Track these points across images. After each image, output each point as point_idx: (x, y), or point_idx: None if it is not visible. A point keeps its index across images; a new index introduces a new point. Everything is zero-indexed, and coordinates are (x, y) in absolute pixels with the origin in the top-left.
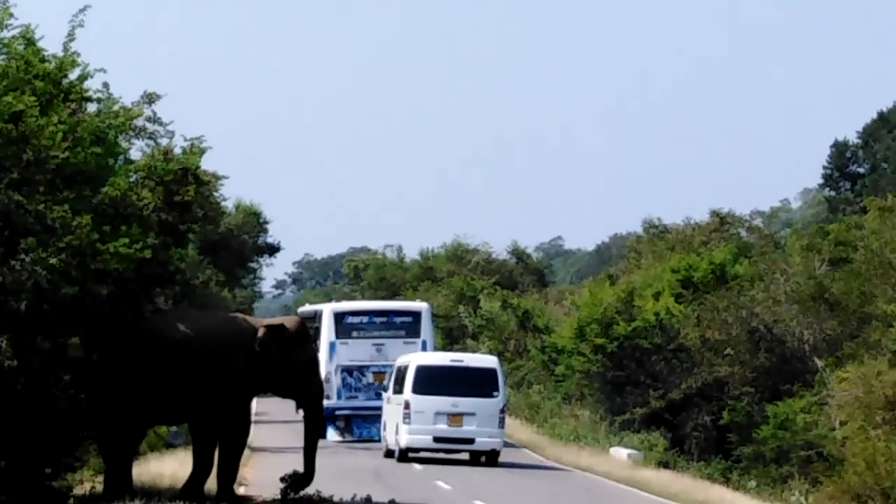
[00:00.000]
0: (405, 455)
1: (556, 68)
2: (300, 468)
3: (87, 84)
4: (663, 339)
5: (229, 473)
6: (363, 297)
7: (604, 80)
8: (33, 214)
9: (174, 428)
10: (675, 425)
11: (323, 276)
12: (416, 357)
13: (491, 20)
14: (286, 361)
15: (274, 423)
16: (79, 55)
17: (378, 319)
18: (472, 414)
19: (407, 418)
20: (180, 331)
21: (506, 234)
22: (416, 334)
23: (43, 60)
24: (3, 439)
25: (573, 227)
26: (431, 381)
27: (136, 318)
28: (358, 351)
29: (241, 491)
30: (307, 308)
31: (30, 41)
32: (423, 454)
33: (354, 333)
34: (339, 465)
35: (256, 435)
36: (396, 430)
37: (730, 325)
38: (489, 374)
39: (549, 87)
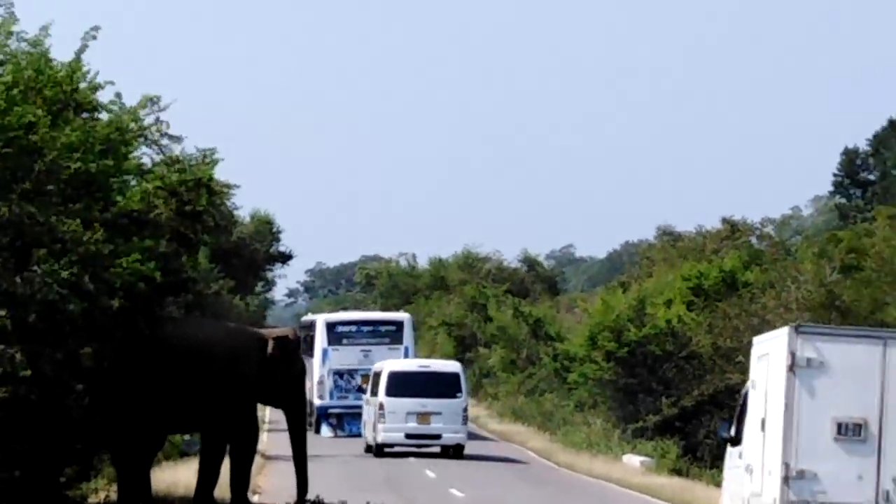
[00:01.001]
0: (381, 450)
1: (566, 75)
2: (315, 478)
3: (99, 95)
4: (675, 346)
5: (242, 481)
6: (376, 305)
7: (614, 86)
8: (45, 226)
9: (188, 436)
10: (687, 432)
11: (335, 284)
12: (388, 363)
13: (503, 27)
14: (288, 371)
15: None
16: (87, 64)
17: (365, 328)
18: (439, 413)
19: (382, 418)
20: (190, 339)
21: (517, 243)
22: (400, 341)
23: (52, 69)
24: (17, 449)
25: (584, 235)
26: (402, 384)
27: (148, 326)
28: (348, 356)
29: (254, 499)
30: (307, 318)
31: (39, 51)
32: (396, 448)
33: (345, 341)
34: (349, 471)
35: (270, 443)
36: (374, 428)
37: (741, 332)
38: (453, 377)
39: (560, 93)
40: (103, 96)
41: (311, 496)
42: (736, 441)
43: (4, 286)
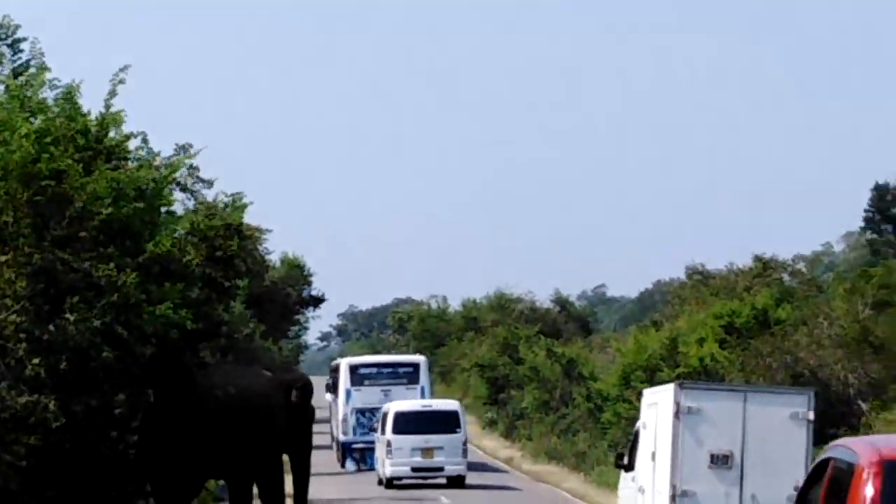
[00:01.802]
0: (391, 483)
1: (599, 118)
2: None
3: (129, 142)
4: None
5: None
6: (408, 349)
7: (646, 126)
8: (79, 272)
9: (222, 482)
10: None
11: (367, 327)
12: (394, 405)
13: (538, 67)
14: (305, 417)
15: (320, 476)
16: (126, 114)
17: (385, 370)
18: (441, 447)
19: (389, 454)
20: (226, 389)
21: (549, 283)
22: (416, 381)
23: (84, 116)
24: (51, 496)
25: (616, 275)
26: (407, 422)
27: (182, 373)
28: (369, 396)
29: None
30: (335, 362)
31: (71, 99)
32: (404, 481)
33: (366, 382)
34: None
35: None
36: (383, 463)
37: (774, 370)
38: (452, 414)
39: (590, 134)
40: (133, 143)
41: None
42: (629, 468)
43: (37, 334)
